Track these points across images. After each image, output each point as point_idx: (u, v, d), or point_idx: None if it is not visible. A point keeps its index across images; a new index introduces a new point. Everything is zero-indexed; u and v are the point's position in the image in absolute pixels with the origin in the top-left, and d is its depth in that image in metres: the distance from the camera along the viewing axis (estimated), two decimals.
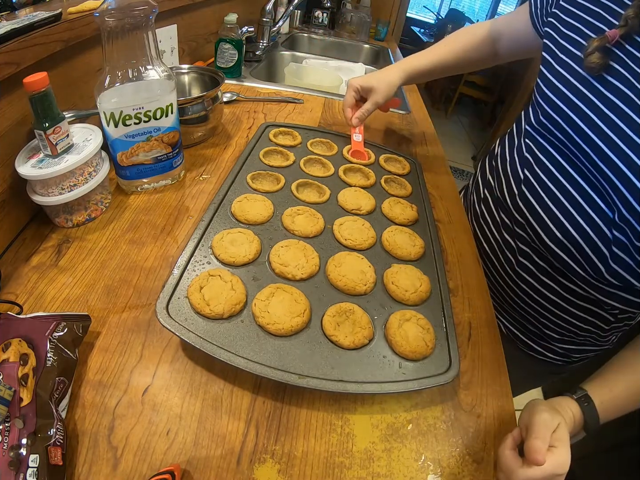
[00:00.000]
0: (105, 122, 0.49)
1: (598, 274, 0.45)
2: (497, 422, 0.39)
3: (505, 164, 0.58)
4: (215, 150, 0.70)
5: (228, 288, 0.40)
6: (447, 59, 0.71)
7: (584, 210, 0.45)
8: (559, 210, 0.47)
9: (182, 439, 0.33)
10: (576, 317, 0.54)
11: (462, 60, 0.71)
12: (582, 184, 0.45)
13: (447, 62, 0.71)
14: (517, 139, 0.57)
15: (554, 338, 0.58)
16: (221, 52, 0.96)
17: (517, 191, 0.54)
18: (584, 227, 0.45)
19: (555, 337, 0.58)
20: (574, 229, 0.46)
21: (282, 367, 0.36)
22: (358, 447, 0.35)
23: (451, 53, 0.71)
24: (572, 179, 0.46)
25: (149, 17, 0.46)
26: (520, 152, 0.55)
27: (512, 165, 0.56)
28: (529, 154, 0.52)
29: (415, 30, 4.11)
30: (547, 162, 0.49)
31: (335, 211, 0.56)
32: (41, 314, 0.36)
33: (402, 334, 0.40)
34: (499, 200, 0.58)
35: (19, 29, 0.43)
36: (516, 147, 0.56)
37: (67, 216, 0.49)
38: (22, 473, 0.28)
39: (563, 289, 0.52)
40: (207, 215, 0.49)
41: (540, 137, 0.51)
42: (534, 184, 0.51)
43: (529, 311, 0.57)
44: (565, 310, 0.54)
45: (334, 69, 1.30)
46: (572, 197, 0.46)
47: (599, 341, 0.57)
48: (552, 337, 0.58)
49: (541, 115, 0.50)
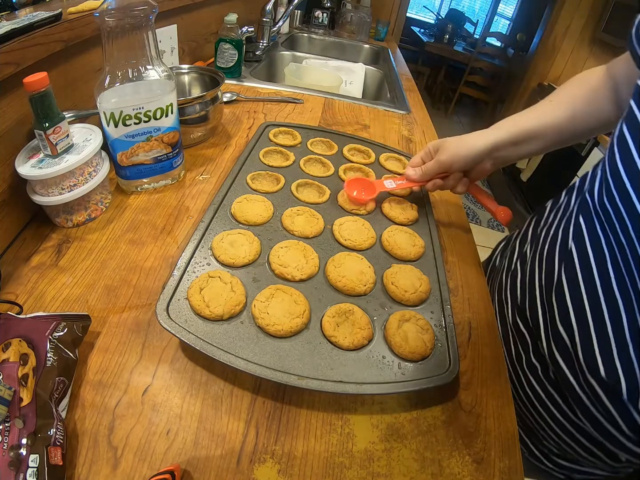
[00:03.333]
0: (105, 122, 0.49)
1: (611, 421, 0.38)
2: (497, 422, 0.39)
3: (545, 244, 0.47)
4: (215, 150, 0.70)
5: (228, 289, 0.40)
6: (557, 116, 0.50)
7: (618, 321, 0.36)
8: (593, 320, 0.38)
9: (182, 439, 0.33)
10: (580, 444, 0.45)
11: (578, 115, 0.50)
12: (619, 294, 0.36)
13: (558, 120, 0.50)
14: (567, 215, 0.45)
15: (552, 452, 0.50)
16: (221, 52, 0.96)
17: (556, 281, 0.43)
18: (611, 352, 0.36)
19: (554, 451, 0.50)
20: (600, 353, 0.37)
21: (282, 368, 0.36)
22: (358, 447, 0.35)
23: (561, 107, 0.51)
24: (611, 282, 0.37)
25: (149, 17, 0.46)
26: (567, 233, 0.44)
27: (559, 244, 0.44)
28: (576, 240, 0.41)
29: (415, 30, 4.11)
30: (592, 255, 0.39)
31: (335, 211, 0.56)
32: (41, 314, 0.36)
33: (401, 334, 0.40)
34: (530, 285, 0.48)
35: (19, 29, 0.43)
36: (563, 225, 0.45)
37: (67, 216, 0.49)
38: (22, 473, 0.28)
39: (566, 404, 0.44)
40: (207, 216, 0.49)
41: (598, 221, 0.39)
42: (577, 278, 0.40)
43: (528, 414, 0.50)
44: (565, 429, 0.45)
45: (334, 69, 1.30)
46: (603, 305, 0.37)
47: (607, 469, 0.47)
48: (551, 450, 0.50)
49: (606, 196, 0.38)
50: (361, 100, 1.04)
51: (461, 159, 0.52)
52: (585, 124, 0.50)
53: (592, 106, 0.49)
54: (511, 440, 0.38)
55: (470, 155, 0.52)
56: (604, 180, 0.38)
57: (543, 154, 0.53)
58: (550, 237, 0.47)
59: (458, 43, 3.88)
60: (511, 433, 0.38)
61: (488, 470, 0.35)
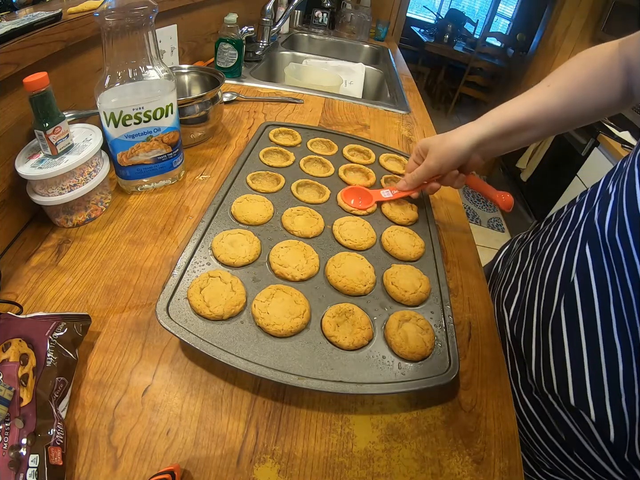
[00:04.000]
0: (105, 122, 0.49)
1: (603, 457, 0.37)
2: (497, 422, 0.39)
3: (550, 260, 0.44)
4: (215, 150, 0.70)
5: (228, 289, 0.40)
6: (551, 102, 0.46)
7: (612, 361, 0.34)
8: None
9: (182, 439, 0.33)
10: (571, 465, 0.43)
11: (575, 101, 0.45)
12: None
13: (551, 107, 0.46)
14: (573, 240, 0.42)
15: (544, 467, 0.48)
16: (221, 52, 0.96)
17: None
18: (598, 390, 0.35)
19: (546, 466, 0.48)
20: (591, 389, 0.36)
21: (282, 368, 0.36)
22: (358, 447, 0.35)
23: (557, 92, 0.46)
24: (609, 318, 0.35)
25: (149, 17, 0.46)
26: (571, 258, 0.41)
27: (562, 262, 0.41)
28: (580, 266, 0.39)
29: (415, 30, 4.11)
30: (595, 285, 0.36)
31: (335, 211, 0.56)
32: (41, 314, 0.36)
33: (401, 334, 0.40)
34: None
35: (19, 29, 0.43)
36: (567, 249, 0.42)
37: (67, 216, 0.49)
38: (22, 473, 0.28)
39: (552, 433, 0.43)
40: (207, 216, 0.49)
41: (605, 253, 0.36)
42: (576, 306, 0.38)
43: (521, 430, 0.47)
44: (557, 450, 0.44)
45: (334, 69, 1.30)
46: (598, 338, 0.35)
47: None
48: (543, 465, 0.48)
49: (618, 233, 0.34)
50: (361, 100, 1.05)
51: (449, 161, 0.51)
52: (583, 110, 0.46)
53: (593, 90, 0.44)
54: (511, 440, 0.38)
55: (457, 155, 0.50)
56: (618, 214, 0.34)
57: (538, 142, 0.50)
58: (553, 260, 0.43)
59: (458, 43, 3.88)
60: (511, 433, 0.38)
61: (488, 470, 0.35)
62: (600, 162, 1.68)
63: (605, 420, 0.35)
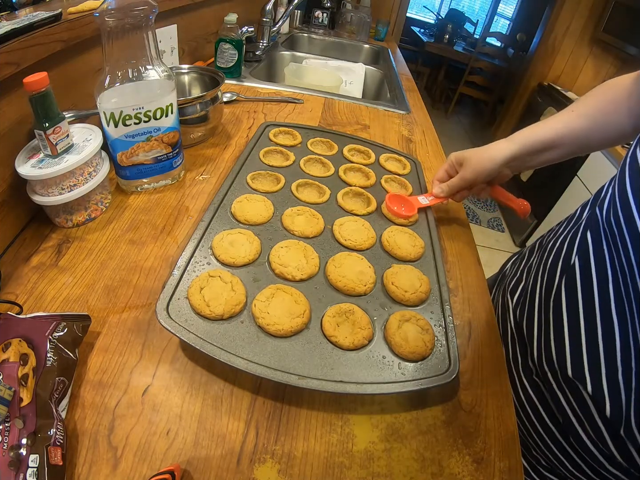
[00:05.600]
0: (105, 122, 0.49)
1: (601, 439, 0.38)
2: (497, 422, 0.39)
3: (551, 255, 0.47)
4: (215, 150, 0.70)
5: (228, 289, 0.40)
6: (575, 126, 0.50)
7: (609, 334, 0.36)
8: None
9: (182, 439, 0.33)
10: (569, 457, 0.44)
11: (596, 125, 0.50)
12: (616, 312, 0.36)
13: (576, 130, 0.50)
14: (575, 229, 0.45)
15: (540, 464, 0.49)
16: (221, 52, 0.96)
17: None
18: (599, 363, 0.37)
19: (542, 463, 0.48)
20: (588, 362, 0.37)
21: (282, 368, 0.36)
22: (358, 447, 0.35)
23: (580, 117, 0.51)
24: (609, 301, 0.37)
25: (149, 17, 0.46)
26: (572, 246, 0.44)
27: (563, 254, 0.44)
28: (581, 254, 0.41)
29: (415, 30, 4.11)
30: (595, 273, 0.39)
31: (335, 211, 0.56)
32: (41, 314, 0.36)
33: (401, 334, 0.40)
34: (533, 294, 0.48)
35: (19, 29, 0.43)
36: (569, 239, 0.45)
37: (67, 216, 0.49)
38: (22, 473, 0.28)
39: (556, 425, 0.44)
40: (207, 215, 0.49)
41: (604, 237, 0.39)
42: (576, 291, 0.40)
43: (519, 420, 0.48)
44: (556, 439, 0.45)
45: (334, 69, 1.30)
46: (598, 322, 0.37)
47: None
48: (539, 461, 0.49)
49: (612, 216, 0.38)
50: (361, 100, 1.05)
51: (484, 174, 0.55)
52: (604, 133, 0.50)
53: (613, 116, 0.48)
54: (511, 440, 0.38)
55: (492, 169, 0.54)
56: (612, 200, 0.38)
57: (562, 160, 0.54)
58: (556, 249, 0.47)
59: (458, 43, 3.88)
60: (511, 433, 0.38)
61: (488, 470, 0.35)
62: (601, 162, 1.68)
63: (601, 392, 0.37)
